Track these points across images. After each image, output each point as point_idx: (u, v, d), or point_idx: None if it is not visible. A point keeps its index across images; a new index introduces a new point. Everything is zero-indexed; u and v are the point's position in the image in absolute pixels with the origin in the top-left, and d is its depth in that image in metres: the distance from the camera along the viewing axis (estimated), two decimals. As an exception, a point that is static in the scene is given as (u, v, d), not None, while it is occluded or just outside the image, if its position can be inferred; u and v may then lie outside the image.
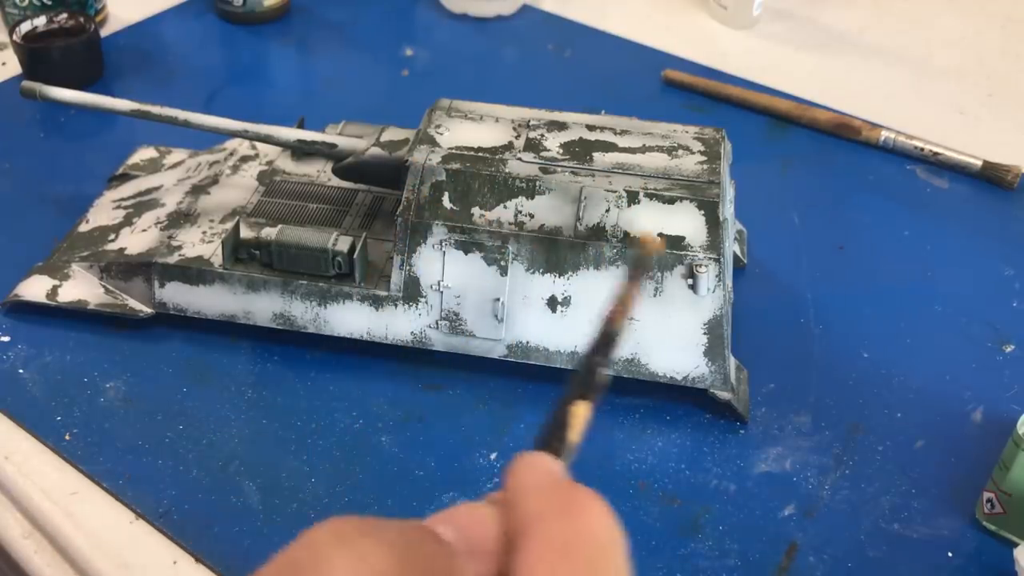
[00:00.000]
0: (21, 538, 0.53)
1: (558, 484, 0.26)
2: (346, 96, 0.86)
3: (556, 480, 0.26)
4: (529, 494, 0.25)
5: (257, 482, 0.53)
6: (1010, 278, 0.69)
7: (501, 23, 0.98)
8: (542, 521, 0.25)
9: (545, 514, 0.25)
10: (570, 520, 0.25)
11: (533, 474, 0.26)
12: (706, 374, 0.55)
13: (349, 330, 0.58)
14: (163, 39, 0.93)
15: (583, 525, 0.25)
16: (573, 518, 0.25)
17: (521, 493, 0.26)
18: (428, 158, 0.56)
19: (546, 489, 0.26)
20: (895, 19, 1.01)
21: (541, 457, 0.27)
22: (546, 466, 0.27)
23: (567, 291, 0.55)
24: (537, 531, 0.24)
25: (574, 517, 0.25)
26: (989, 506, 0.51)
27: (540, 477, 0.26)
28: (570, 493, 0.26)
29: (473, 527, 0.26)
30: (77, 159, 0.76)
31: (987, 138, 0.82)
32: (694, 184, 0.55)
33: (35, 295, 0.61)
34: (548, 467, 0.27)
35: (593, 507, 0.25)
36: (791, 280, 0.68)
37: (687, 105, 0.86)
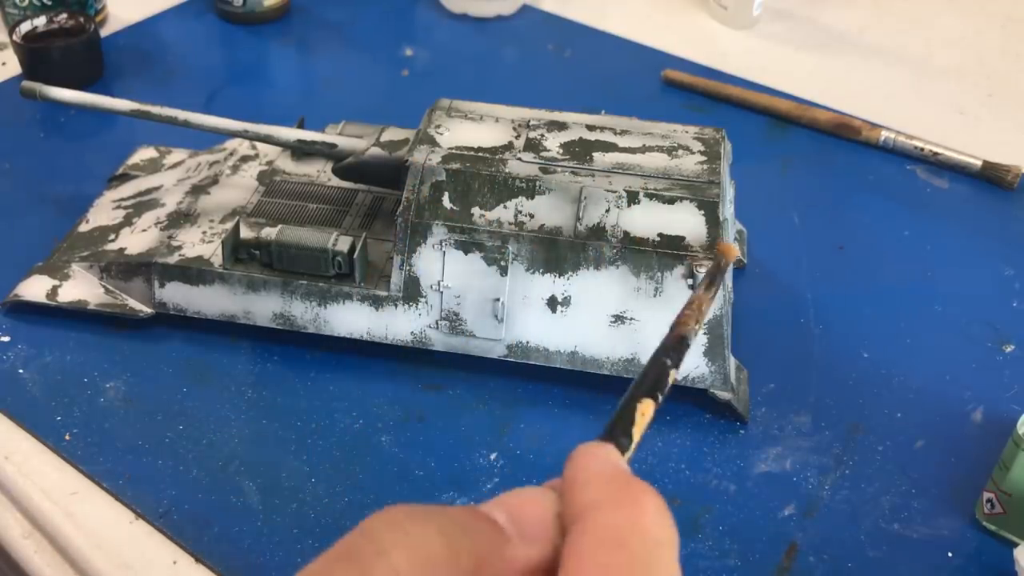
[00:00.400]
0: (21, 538, 0.53)
1: (617, 475, 0.26)
2: (346, 96, 0.86)
3: (615, 471, 0.26)
4: (587, 482, 0.25)
5: (257, 482, 0.53)
6: (1010, 278, 0.69)
7: (501, 23, 0.98)
8: (597, 510, 0.24)
9: (601, 503, 0.25)
10: (625, 512, 0.24)
11: (593, 462, 0.26)
12: (706, 374, 0.55)
13: (349, 330, 0.58)
14: (163, 39, 0.93)
15: (638, 518, 0.24)
16: (628, 510, 0.25)
17: (579, 480, 0.26)
18: (428, 158, 0.56)
19: (604, 478, 0.26)
20: (895, 19, 1.01)
21: (602, 447, 0.27)
22: (607, 456, 0.27)
23: (567, 291, 0.55)
24: (591, 519, 0.24)
25: (629, 509, 0.25)
26: (989, 506, 0.51)
27: (600, 466, 0.26)
28: (628, 485, 0.25)
29: (526, 511, 0.26)
30: (77, 159, 0.76)
31: (987, 138, 0.82)
32: (694, 184, 0.55)
33: (35, 295, 0.61)
34: (609, 457, 0.27)
35: (650, 501, 0.25)
36: (791, 280, 0.68)
37: (687, 105, 0.86)
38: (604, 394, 0.58)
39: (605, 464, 0.26)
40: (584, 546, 0.24)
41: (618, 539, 0.24)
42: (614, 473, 0.26)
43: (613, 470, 0.26)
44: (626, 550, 0.24)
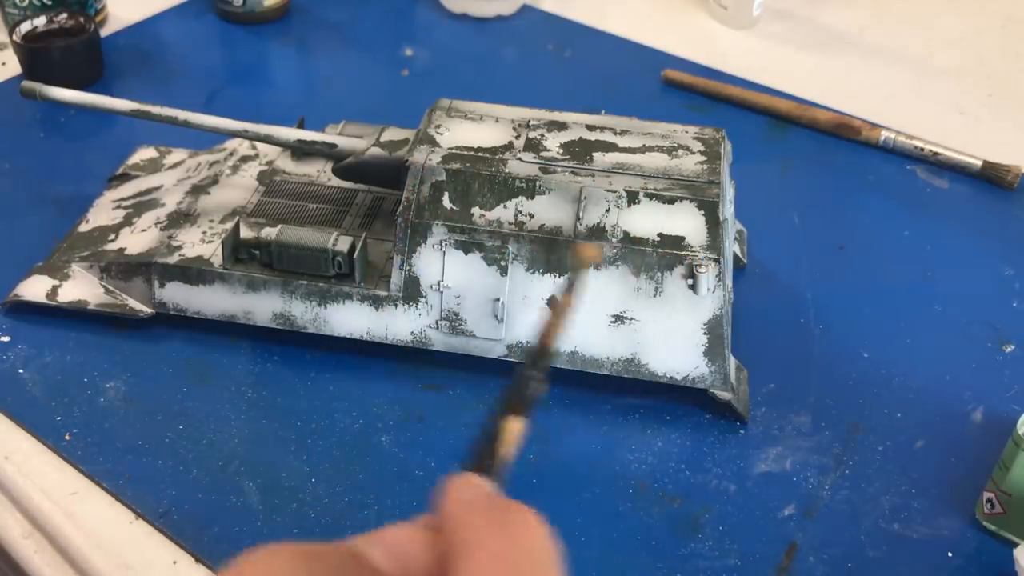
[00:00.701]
0: (21, 538, 0.53)
1: (492, 502, 0.26)
2: (346, 96, 0.86)
3: (490, 499, 0.26)
4: (463, 514, 0.25)
5: (257, 482, 0.53)
6: (1010, 278, 0.69)
7: (501, 23, 0.98)
8: (478, 539, 0.24)
9: (480, 531, 0.24)
10: (506, 537, 0.24)
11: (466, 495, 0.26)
12: (706, 374, 0.55)
13: (349, 330, 0.58)
14: (163, 39, 0.93)
15: (519, 541, 0.24)
16: (509, 534, 0.24)
17: (455, 514, 0.25)
18: (428, 158, 0.56)
19: (480, 508, 0.25)
20: (895, 19, 1.01)
21: (472, 478, 0.27)
22: (478, 486, 0.27)
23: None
24: (473, 549, 0.24)
25: (510, 533, 0.24)
26: (989, 506, 0.51)
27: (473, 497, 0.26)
28: (505, 510, 0.25)
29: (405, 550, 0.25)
30: (77, 159, 0.76)
31: (987, 138, 0.82)
32: (694, 184, 0.55)
33: (35, 295, 0.61)
34: (480, 487, 0.27)
35: (529, 522, 0.25)
36: (791, 280, 0.68)
37: (687, 105, 0.86)
38: (604, 394, 0.58)
39: (478, 494, 0.26)
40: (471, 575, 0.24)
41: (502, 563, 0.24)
42: (487, 501, 0.26)
43: (486, 498, 0.26)
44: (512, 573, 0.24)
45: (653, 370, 0.56)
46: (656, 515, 0.52)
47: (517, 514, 0.25)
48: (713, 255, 0.54)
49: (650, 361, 0.56)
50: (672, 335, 0.55)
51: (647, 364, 0.56)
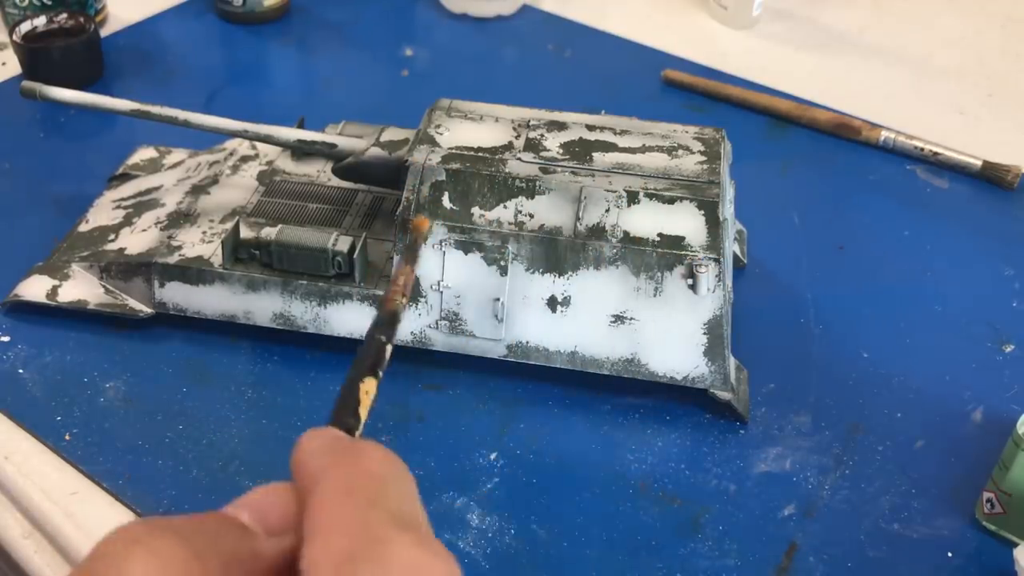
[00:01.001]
0: (21, 538, 0.53)
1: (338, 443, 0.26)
2: (346, 96, 0.86)
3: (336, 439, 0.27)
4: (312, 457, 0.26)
5: (257, 482, 0.52)
6: (1010, 278, 0.69)
7: (501, 23, 0.98)
8: (323, 473, 0.25)
9: (327, 465, 0.25)
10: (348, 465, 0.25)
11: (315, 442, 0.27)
12: (706, 374, 0.55)
13: (349, 330, 0.58)
14: (163, 39, 0.93)
15: (361, 466, 0.25)
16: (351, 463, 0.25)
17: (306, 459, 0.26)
18: (428, 158, 0.56)
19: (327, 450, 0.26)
20: (895, 19, 1.01)
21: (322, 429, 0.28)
22: (329, 434, 0.27)
23: (567, 291, 0.55)
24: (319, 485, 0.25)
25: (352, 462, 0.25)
26: (989, 506, 0.51)
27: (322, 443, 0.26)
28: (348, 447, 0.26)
29: (269, 505, 0.26)
30: (77, 159, 0.76)
31: (987, 138, 0.82)
32: (694, 184, 0.55)
33: (35, 295, 0.61)
34: (331, 434, 0.27)
35: (372, 450, 0.26)
36: (791, 280, 0.68)
37: (687, 105, 0.86)
38: (604, 394, 0.58)
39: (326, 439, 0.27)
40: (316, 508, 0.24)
41: (345, 489, 0.24)
42: (335, 443, 0.26)
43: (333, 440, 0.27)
44: (357, 494, 0.24)
45: (653, 370, 0.56)
46: (656, 515, 0.52)
47: (359, 446, 0.26)
48: (713, 255, 0.54)
49: (650, 361, 0.56)
50: (672, 335, 0.55)
51: (647, 364, 0.56)
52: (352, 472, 0.25)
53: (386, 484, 0.25)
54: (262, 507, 0.26)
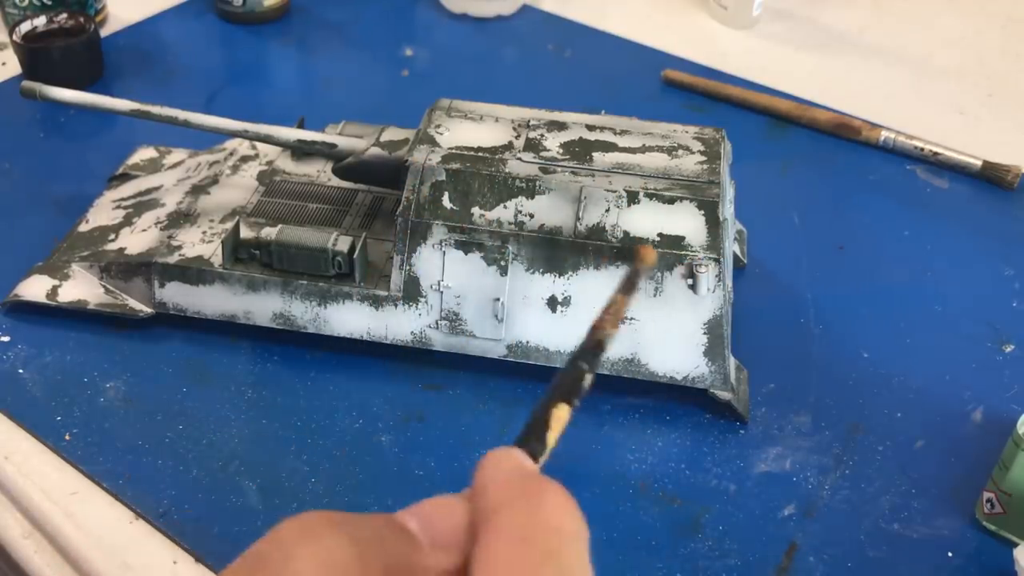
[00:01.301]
0: (21, 538, 0.53)
1: (524, 476, 0.26)
2: (346, 96, 0.86)
3: (520, 472, 0.26)
4: (495, 482, 0.26)
5: (257, 482, 0.53)
6: (1010, 278, 0.69)
7: (501, 23, 0.98)
8: (504, 509, 0.25)
9: (507, 503, 0.25)
10: (531, 509, 0.25)
11: (499, 467, 0.26)
12: (706, 374, 0.55)
13: (349, 330, 0.58)
14: (163, 39, 0.93)
15: (544, 514, 0.25)
16: (534, 507, 0.25)
17: (488, 484, 0.26)
18: (428, 158, 0.56)
19: (511, 480, 0.26)
20: (895, 19, 1.01)
21: (509, 451, 0.27)
22: (515, 459, 0.27)
23: (567, 291, 0.55)
24: (496, 519, 0.25)
25: (535, 506, 0.25)
26: (989, 506, 0.51)
27: (508, 470, 0.26)
28: (534, 484, 0.26)
29: (439, 519, 0.26)
30: (77, 159, 0.76)
31: (987, 138, 0.82)
32: (694, 184, 0.55)
33: (35, 295, 0.61)
34: (517, 461, 0.27)
35: (556, 497, 0.25)
36: (791, 280, 0.68)
37: (687, 105, 0.86)
38: (604, 394, 0.58)
39: (510, 467, 0.27)
40: (490, 544, 0.24)
41: (523, 535, 0.24)
42: (519, 474, 0.26)
43: (518, 472, 0.26)
44: (530, 544, 0.24)
45: (653, 370, 0.56)
46: (656, 515, 0.52)
47: (547, 486, 0.26)
48: (713, 255, 0.54)
49: (650, 361, 0.56)
50: (672, 335, 0.55)
51: (647, 364, 0.56)
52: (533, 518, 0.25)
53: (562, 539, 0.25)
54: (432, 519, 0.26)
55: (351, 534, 0.24)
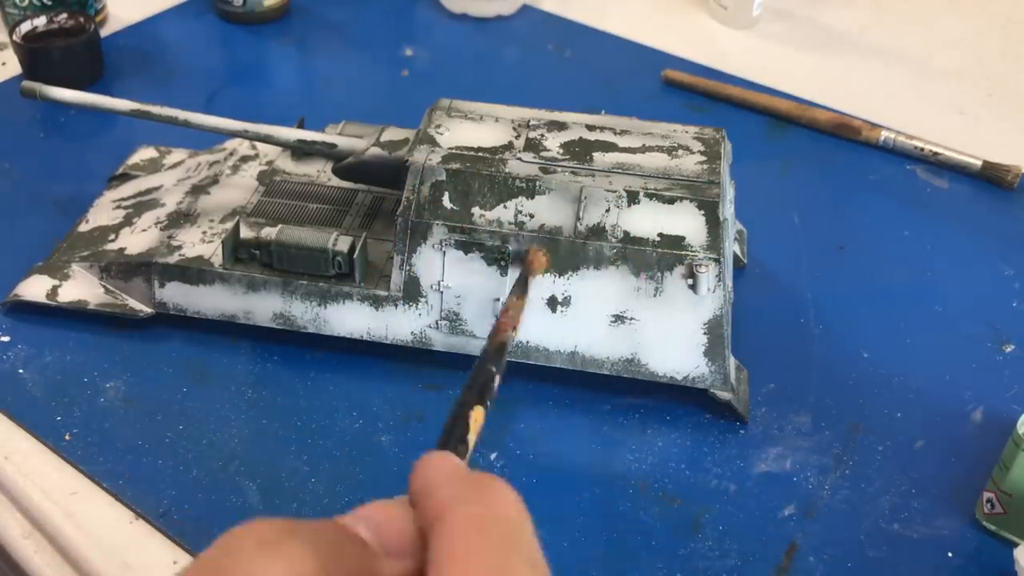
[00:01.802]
0: (21, 538, 0.53)
1: (464, 474, 0.27)
2: (346, 96, 0.86)
3: (460, 471, 0.27)
4: (436, 486, 0.26)
5: (257, 482, 0.53)
6: (1010, 278, 0.69)
7: (501, 23, 0.98)
8: (453, 506, 0.25)
9: (456, 499, 0.25)
10: (480, 503, 0.25)
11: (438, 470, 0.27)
12: (706, 374, 0.55)
13: (349, 330, 0.58)
14: (163, 39, 0.93)
15: (494, 506, 0.26)
16: (483, 500, 0.26)
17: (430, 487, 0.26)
18: (428, 158, 0.56)
19: (453, 479, 0.27)
20: (895, 19, 1.01)
21: (441, 455, 0.28)
22: (447, 460, 0.28)
23: (567, 291, 0.55)
24: (448, 515, 0.25)
25: (484, 499, 0.26)
26: (989, 506, 0.51)
27: (444, 470, 0.27)
28: (476, 479, 0.27)
29: (389, 525, 0.26)
30: (77, 159, 0.76)
31: (987, 138, 0.82)
32: (694, 184, 0.55)
33: (35, 295, 0.61)
34: (453, 462, 0.28)
35: (501, 489, 0.26)
36: (791, 280, 0.68)
37: (687, 105, 0.86)
38: (604, 394, 0.58)
39: (449, 467, 0.27)
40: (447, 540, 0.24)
41: (478, 526, 0.25)
42: (460, 473, 0.27)
43: (458, 471, 0.27)
44: (489, 534, 0.24)
45: (653, 370, 0.56)
46: (656, 515, 0.52)
47: (489, 481, 0.26)
48: (713, 255, 0.54)
49: (650, 361, 0.56)
50: (672, 335, 0.55)
51: (647, 364, 0.56)
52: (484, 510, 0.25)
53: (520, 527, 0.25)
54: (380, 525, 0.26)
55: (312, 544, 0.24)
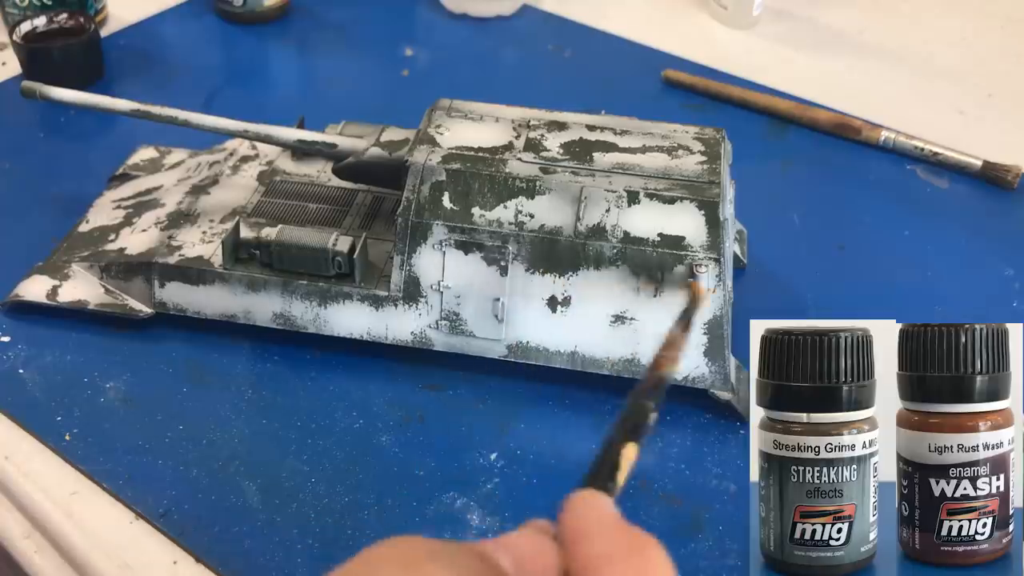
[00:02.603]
0: (21, 538, 0.53)
1: (620, 527, 0.27)
2: (346, 96, 0.86)
3: (616, 522, 0.27)
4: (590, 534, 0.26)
5: (257, 482, 0.53)
6: (1010, 278, 0.69)
7: (501, 23, 0.98)
8: (608, 563, 0.25)
9: (609, 556, 0.25)
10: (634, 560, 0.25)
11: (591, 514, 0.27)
12: (706, 374, 0.55)
13: (349, 330, 0.58)
14: (163, 39, 0.93)
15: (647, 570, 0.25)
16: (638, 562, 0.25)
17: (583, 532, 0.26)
18: (428, 158, 0.56)
19: (609, 531, 0.26)
20: (895, 19, 1.01)
21: (598, 497, 0.28)
22: (605, 507, 0.27)
23: (567, 291, 0.55)
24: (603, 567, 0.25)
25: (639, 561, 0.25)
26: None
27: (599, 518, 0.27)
28: (633, 537, 0.26)
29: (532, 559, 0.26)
30: (77, 159, 0.76)
31: (987, 138, 0.82)
32: (694, 184, 0.55)
33: (35, 295, 0.61)
34: (607, 508, 0.27)
35: (656, 553, 0.26)
36: (791, 280, 0.68)
37: (687, 105, 0.86)
38: (604, 394, 0.58)
39: (604, 515, 0.27)
40: None
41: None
42: (616, 525, 0.27)
43: (614, 521, 0.27)
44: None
45: (653, 370, 0.56)
46: (656, 515, 0.52)
47: (648, 542, 0.26)
48: (713, 255, 0.54)
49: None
50: (672, 335, 0.55)
51: (647, 364, 0.56)
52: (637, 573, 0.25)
53: None
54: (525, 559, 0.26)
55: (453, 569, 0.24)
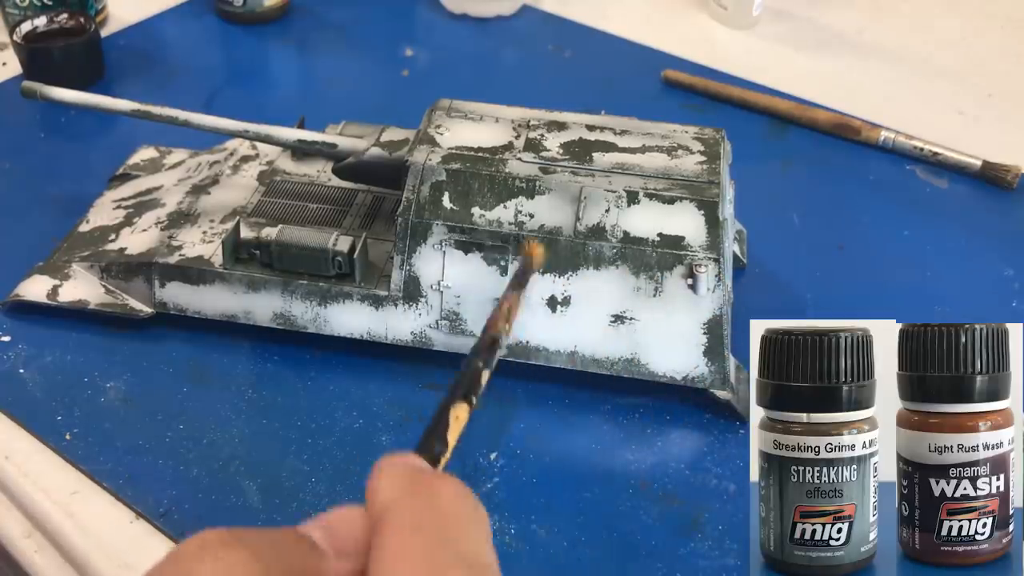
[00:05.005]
0: (21, 538, 0.53)
1: (413, 473, 0.27)
2: (346, 96, 0.86)
3: (412, 470, 0.27)
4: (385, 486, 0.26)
5: (257, 482, 0.53)
6: (1010, 278, 0.69)
7: (501, 23, 0.98)
8: (394, 504, 0.25)
9: (401, 498, 0.25)
10: (420, 499, 0.25)
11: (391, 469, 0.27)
12: (706, 374, 0.55)
13: (349, 330, 0.58)
14: (163, 39, 0.93)
15: (434, 502, 0.25)
16: (423, 497, 0.25)
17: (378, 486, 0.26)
18: (428, 158, 0.56)
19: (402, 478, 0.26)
20: (895, 19, 1.01)
21: (402, 455, 0.28)
22: (405, 461, 0.27)
23: (567, 291, 0.55)
24: (389, 514, 0.25)
25: (424, 496, 0.25)
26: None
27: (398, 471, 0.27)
28: (422, 477, 0.26)
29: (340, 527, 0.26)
30: (77, 159, 0.76)
31: (987, 138, 0.82)
32: (694, 184, 0.55)
33: (35, 295, 0.61)
34: (407, 461, 0.27)
35: (444, 485, 0.26)
36: (791, 280, 0.68)
37: (687, 105, 0.86)
38: (604, 394, 0.58)
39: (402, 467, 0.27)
40: (385, 538, 0.24)
41: (414, 524, 0.25)
42: (410, 472, 0.27)
43: (409, 469, 0.27)
44: (424, 533, 0.24)
45: (653, 370, 0.56)
46: (656, 515, 0.52)
47: (438, 478, 0.26)
48: (713, 255, 0.54)
49: (650, 361, 0.56)
50: (672, 335, 0.55)
51: (647, 364, 0.56)
52: (424, 507, 0.25)
53: (458, 523, 0.25)
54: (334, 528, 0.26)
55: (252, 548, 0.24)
